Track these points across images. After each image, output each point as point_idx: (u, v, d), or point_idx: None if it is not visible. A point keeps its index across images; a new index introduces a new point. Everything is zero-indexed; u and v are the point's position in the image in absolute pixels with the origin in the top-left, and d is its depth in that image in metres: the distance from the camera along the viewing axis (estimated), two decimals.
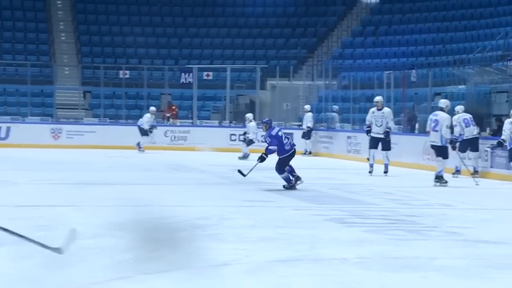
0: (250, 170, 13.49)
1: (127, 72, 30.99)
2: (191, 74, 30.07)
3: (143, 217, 9.24)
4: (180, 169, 17.96)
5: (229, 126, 27.71)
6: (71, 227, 6.05)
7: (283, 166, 13.15)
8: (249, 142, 22.32)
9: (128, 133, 25.89)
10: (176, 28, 35.72)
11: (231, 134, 26.69)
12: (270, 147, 13.23)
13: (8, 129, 26.44)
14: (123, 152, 23.29)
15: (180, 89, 31.27)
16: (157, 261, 6.49)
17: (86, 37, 34.79)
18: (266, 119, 14.25)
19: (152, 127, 24.62)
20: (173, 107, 29.67)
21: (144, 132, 24.42)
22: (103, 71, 31.09)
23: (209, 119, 29.28)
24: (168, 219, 9.16)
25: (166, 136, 26.48)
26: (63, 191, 12.37)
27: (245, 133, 23.05)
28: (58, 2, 36.38)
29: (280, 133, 13.42)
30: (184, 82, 30.30)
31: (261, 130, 22.07)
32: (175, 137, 26.55)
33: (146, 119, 24.53)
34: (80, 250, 6.89)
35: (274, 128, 13.59)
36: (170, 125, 27.86)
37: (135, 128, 24.78)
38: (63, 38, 35.02)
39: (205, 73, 31.38)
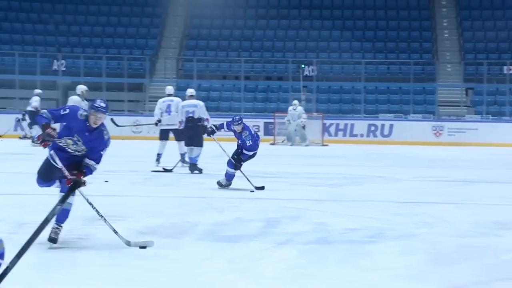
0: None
1: None
2: None
3: None
4: None
5: None
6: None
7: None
8: None
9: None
10: None
11: None
12: (247, 152, 11.25)
13: (391, 126, 27.16)
14: (506, 150, 22.65)
15: None
16: None
17: (469, 33, 34.34)
18: (237, 117, 11.32)
19: None
20: None
21: None
22: (486, 67, 30.55)
23: None
24: None
25: None
26: (444, 188, 12.37)
27: None
28: None
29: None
30: None
31: None
32: None
33: None
34: (464, 248, 6.88)
35: (247, 125, 11.33)
36: None
37: None
38: (446, 35, 34.99)
39: None
